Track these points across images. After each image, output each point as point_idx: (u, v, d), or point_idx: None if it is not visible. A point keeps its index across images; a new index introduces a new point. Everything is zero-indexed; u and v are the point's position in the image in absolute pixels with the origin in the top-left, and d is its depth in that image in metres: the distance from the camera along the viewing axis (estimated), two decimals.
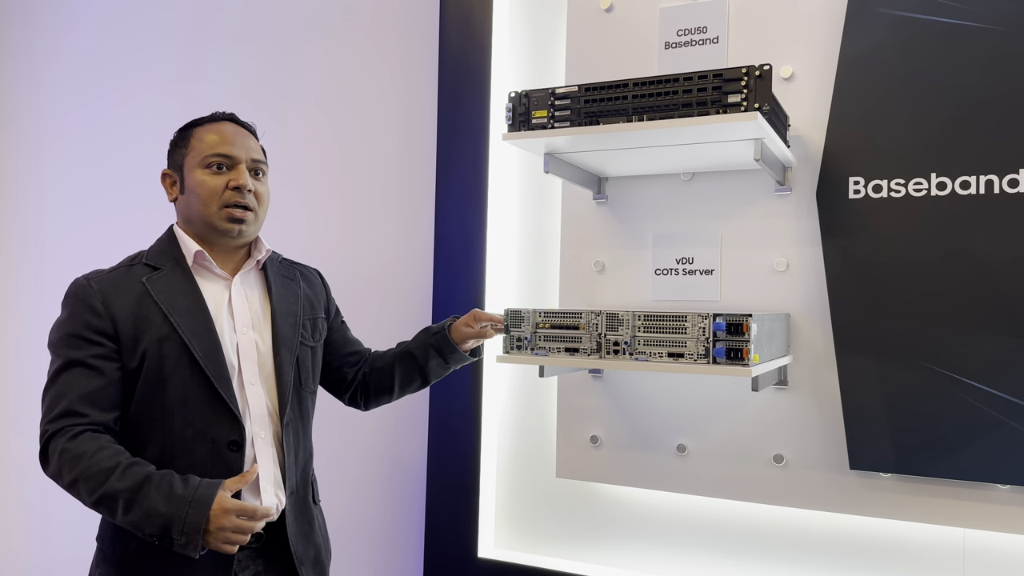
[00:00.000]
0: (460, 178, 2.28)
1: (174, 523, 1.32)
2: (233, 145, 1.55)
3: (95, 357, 1.44)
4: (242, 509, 1.36)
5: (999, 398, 1.64)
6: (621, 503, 2.07)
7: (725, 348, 1.51)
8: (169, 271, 1.53)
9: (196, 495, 1.34)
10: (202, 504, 1.33)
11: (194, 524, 1.32)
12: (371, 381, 1.80)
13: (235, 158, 1.55)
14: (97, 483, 1.35)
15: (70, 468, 1.37)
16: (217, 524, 1.33)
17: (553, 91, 1.67)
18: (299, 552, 1.56)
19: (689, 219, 1.95)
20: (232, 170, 1.55)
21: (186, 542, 1.32)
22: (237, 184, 1.53)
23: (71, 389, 1.42)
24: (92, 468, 1.36)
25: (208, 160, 1.54)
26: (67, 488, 1.39)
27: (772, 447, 1.84)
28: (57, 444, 1.39)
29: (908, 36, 1.74)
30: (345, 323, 1.86)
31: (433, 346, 1.75)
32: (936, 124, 1.72)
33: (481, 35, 2.27)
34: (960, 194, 1.69)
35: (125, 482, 1.35)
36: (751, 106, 1.50)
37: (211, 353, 1.48)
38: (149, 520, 1.32)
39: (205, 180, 1.53)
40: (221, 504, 1.34)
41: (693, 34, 1.94)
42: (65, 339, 1.45)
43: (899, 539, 1.78)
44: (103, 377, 1.44)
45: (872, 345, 1.75)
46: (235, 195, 1.54)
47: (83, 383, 1.43)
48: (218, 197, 1.53)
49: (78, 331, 1.45)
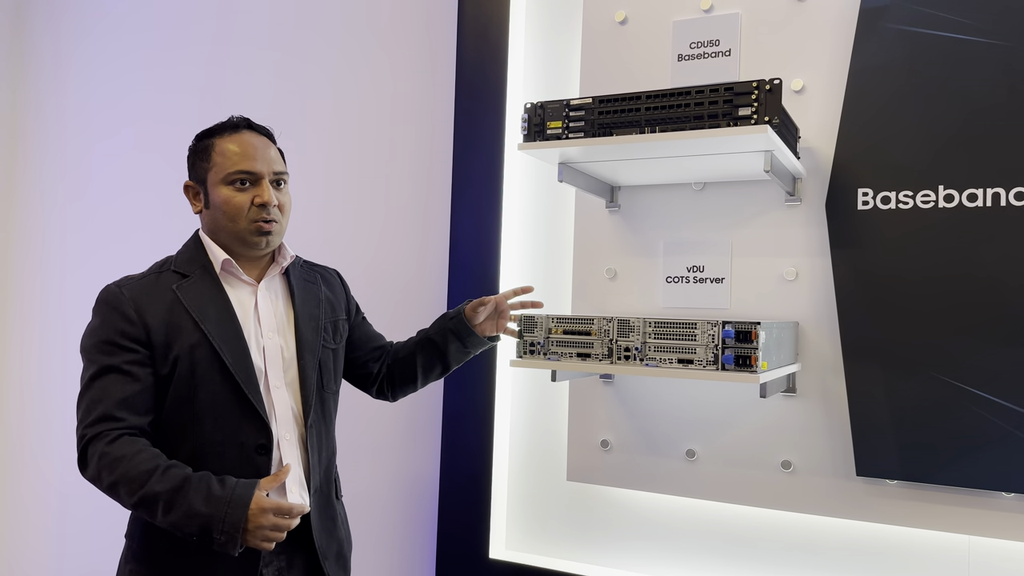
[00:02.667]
0: (475, 186, 2.32)
1: (214, 523, 1.36)
2: (255, 160, 1.57)
3: (129, 363, 1.47)
4: (279, 507, 1.40)
5: (1005, 407, 1.66)
6: (630, 507, 2.10)
7: (734, 355, 1.54)
8: (198, 279, 1.56)
9: (234, 495, 1.39)
10: (240, 504, 1.38)
11: (234, 523, 1.36)
12: (395, 372, 1.83)
13: (258, 174, 1.57)
14: (137, 485, 1.39)
15: (109, 471, 1.40)
16: (255, 523, 1.38)
17: (568, 103, 1.71)
18: (323, 547, 1.60)
19: (700, 228, 1.99)
20: (256, 185, 1.57)
21: (226, 540, 1.36)
22: (263, 201, 1.56)
23: (107, 394, 1.46)
24: (132, 471, 1.39)
25: (231, 177, 1.56)
26: (107, 491, 1.42)
27: (780, 453, 1.87)
28: (96, 448, 1.43)
29: (917, 51, 1.77)
30: (366, 319, 1.89)
31: (452, 331, 1.78)
32: (944, 137, 1.74)
33: (497, 46, 2.31)
34: (967, 206, 1.72)
35: (164, 484, 1.39)
36: (761, 119, 1.54)
37: (240, 360, 1.52)
38: (189, 520, 1.37)
39: (231, 198, 1.56)
40: (258, 503, 1.39)
41: (706, 47, 1.98)
42: (99, 345, 1.49)
43: (905, 546, 1.80)
44: (138, 382, 1.48)
45: (879, 354, 1.77)
46: (261, 212, 1.56)
47: (119, 388, 1.46)
48: (244, 214, 1.56)
49: (111, 337, 1.48)
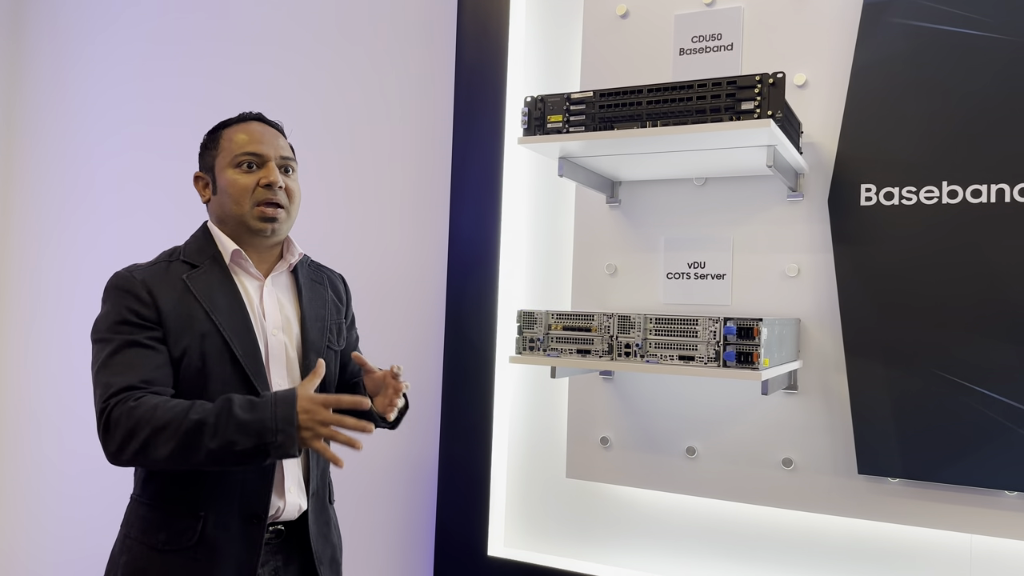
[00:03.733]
0: (475, 181, 2.30)
1: (266, 424, 1.31)
2: (262, 143, 1.57)
3: (149, 339, 1.44)
4: (326, 400, 1.34)
5: (1008, 405, 1.65)
6: (630, 504, 2.09)
7: (735, 352, 1.53)
8: (208, 269, 1.54)
9: (277, 396, 1.34)
10: (286, 401, 1.33)
11: (286, 418, 1.31)
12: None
13: (264, 156, 1.56)
14: (177, 425, 1.33)
15: (143, 427, 1.33)
16: (308, 416, 1.32)
17: (568, 96, 1.69)
18: (319, 552, 1.58)
19: (701, 224, 1.97)
20: (262, 168, 1.56)
21: (283, 440, 1.31)
22: (268, 181, 1.54)
23: (130, 368, 1.40)
24: (166, 415, 1.33)
25: (238, 159, 1.55)
26: (140, 450, 1.34)
27: (781, 451, 1.85)
28: (120, 410, 1.36)
29: (921, 45, 1.76)
30: (356, 335, 1.83)
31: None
32: (948, 133, 1.73)
33: (497, 40, 2.29)
34: (971, 202, 1.71)
35: (204, 412, 1.34)
36: (764, 113, 1.52)
37: (250, 352, 1.50)
38: (241, 434, 1.31)
39: (236, 179, 1.55)
40: (306, 395, 1.34)
41: (708, 41, 1.96)
42: (114, 327, 1.44)
43: (906, 544, 1.79)
44: (160, 355, 1.44)
45: (882, 351, 1.76)
46: (267, 192, 1.55)
47: (141, 361, 1.42)
48: (250, 195, 1.54)
49: (126, 317, 1.44)
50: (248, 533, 1.48)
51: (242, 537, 1.47)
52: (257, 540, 1.48)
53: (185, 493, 1.47)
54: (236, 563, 1.47)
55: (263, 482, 1.49)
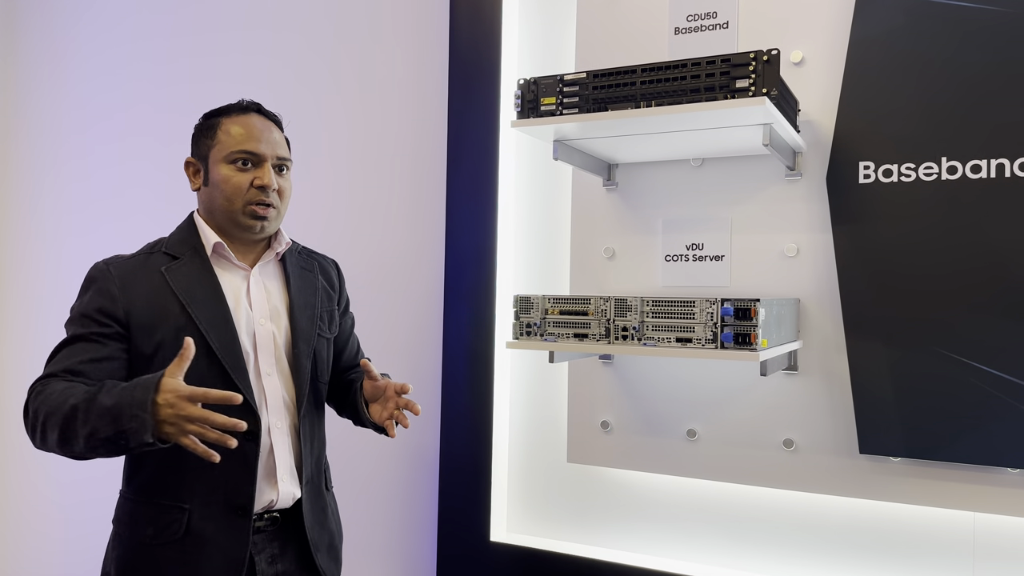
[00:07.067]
0: (471, 165, 2.29)
1: (123, 410, 1.25)
2: (260, 141, 1.55)
3: (99, 335, 1.45)
4: (193, 393, 1.24)
5: (1009, 382, 1.64)
6: (631, 488, 2.09)
7: (733, 333, 1.51)
8: (188, 260, 1.53)
9: (141, 381, 1.29)
10: (145, 386, 1.27)
11: (139, 402, 1.24)
12: (335, 395, 1.77)
13: (261, 155, 1.54)
14: (60, 410, 1.31)
15: (40, 411, 1.33)
16: (168, 408, 1.24)
17: (562, 78, 1.67)
18: (315, 539, 1.58)
19: (699, 205, 1.96)
20: (257, 167, 1.55)
21: (137, 426, 1.24)
22: (262, 183, 1.53)
23: (70, 356, 1.42)
24: (56, 400, 1.32)
25: (234, 156, 1.53)
26: (41, 436, 1.34)
27: (782, 432, 1.85)
28: (30, 396, 1.38)
29: (918, 20, 1.73)
30: (352, 319, 1.82)
31: (353, 405, 1.70)
32: (947, 108, 1.71)
33: (491, 22, 2.27)
34: (971, 178, 1.69)
35: (78, 397, 1.31)
36: (759, 91, 1.50)
37: (228, 344, 1.49)
38: (102, 419, 1.27)
39: (230, 177, 1.53)
40: (169, 385, 1.25)
41: (703, 19, 1.94)
42: (77, 319, 1.48)
43: (909, 523, 1.78)
44: (104, 349, 1.44)
45: (882, 330, 1.75)
46: (259, 194, 1.54)
47: (82, 351, 1.43)
48: (242, 195, 1.53)
49: (89, 312, 1.47)
50: (235, 524, 1.48)
51: (229, 528, 1.47)
52: (244, 530, 1.48)
53: (168, 487, 1.47)
54: (225, 554, 1.46)
55: (246, 473, 1.49)
